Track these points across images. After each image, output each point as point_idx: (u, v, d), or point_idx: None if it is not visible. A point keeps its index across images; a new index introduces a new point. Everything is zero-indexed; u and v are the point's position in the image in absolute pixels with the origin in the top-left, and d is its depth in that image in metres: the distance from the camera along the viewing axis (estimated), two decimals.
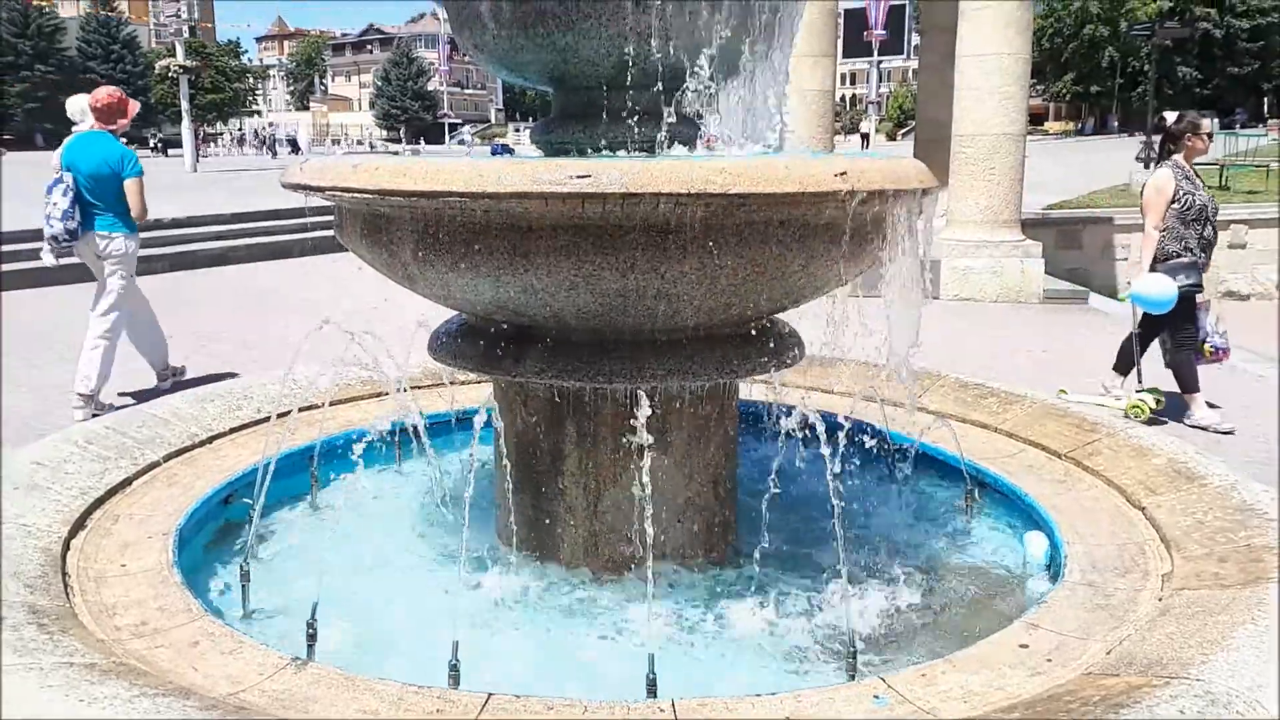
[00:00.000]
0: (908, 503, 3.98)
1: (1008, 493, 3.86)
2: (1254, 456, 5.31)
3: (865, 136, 55.51)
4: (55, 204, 6.21)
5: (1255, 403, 6.53)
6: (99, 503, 3.49)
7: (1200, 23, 64.74)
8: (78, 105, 6.82)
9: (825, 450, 2.85)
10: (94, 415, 5.70)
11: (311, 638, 2.71)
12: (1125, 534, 3.38)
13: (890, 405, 4.27)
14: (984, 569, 3.55)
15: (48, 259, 6.49)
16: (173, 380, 6.97)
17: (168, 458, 3.97)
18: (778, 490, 3.22)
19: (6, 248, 12.00)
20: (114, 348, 6.43)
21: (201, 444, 4.15)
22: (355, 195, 2.82)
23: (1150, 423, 5.87)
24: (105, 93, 6.74)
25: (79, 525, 3.31)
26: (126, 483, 3.71)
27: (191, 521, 3.47)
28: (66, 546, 3.15)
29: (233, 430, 4.30)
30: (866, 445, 4.13)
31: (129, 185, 6.41)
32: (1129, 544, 3.29)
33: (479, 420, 2.95)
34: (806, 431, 3.11)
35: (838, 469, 2.90)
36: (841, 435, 3.01)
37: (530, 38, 3.14)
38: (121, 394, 6.65)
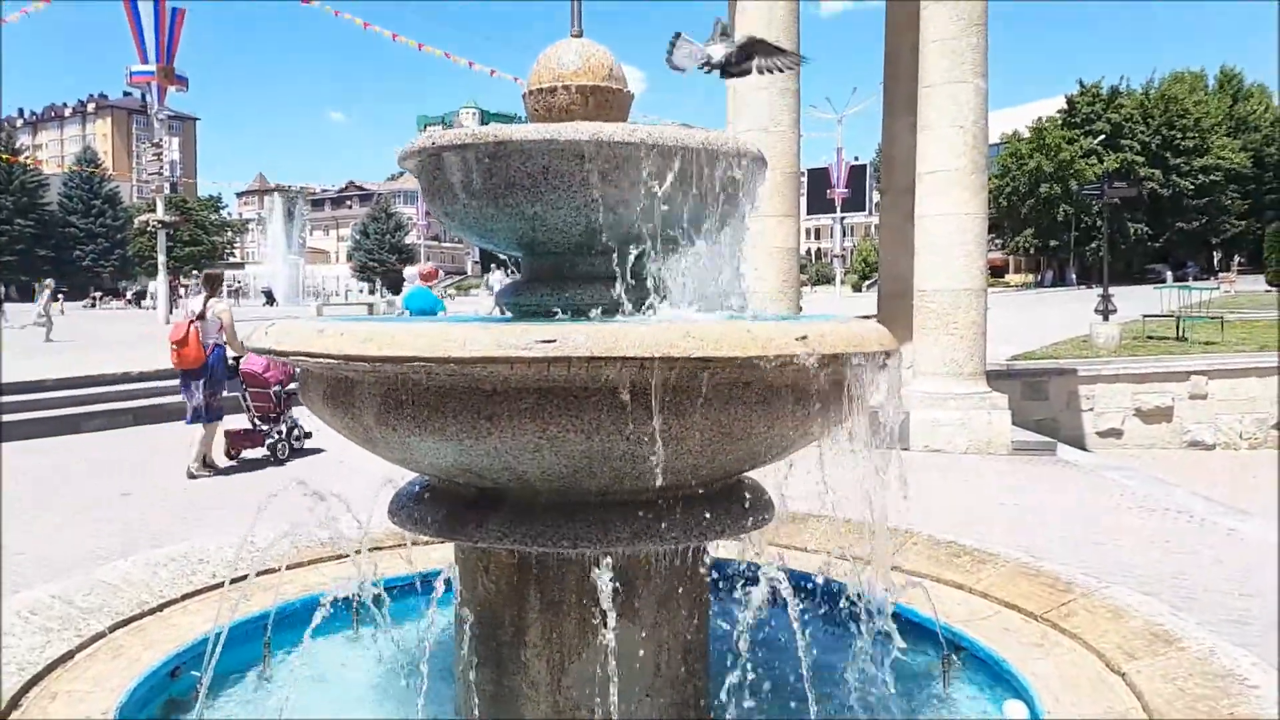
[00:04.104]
0: (884, 668, 3.86)
1: (985, 658, 3.76)
2: (1229, 614, 5.24)
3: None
4: None
5: (1226, 557, 6.50)
6: (38, 679, 3.32)
7: (1146, 182, 68.02)
8: (411, 272, 12.79)
9: (795, 617, 2.78)
10: None
11: None
12: (1107, 702, 3.28)
13: (863, 564, 4.20)
14: None
15: None
16: None
17: (114, 627, 3.80)
18: (749, 657, 3.12)
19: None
20: None
21: (151, 612, 4.00)
22: (320, 360, 2.81)
23: None
24: (429, 266, 11.93)
25: (13, 705, 3.14)
26: (69, 656, 3.54)
27: (134, 699, 3.30)
28: None
29: (185, 597, 4.15)
30: (840, 607, 4.05)
31: (440, 315, 8.68)
32: (1111, 713, 3.19)
33: (438, 588, 2.86)
34: (777, 595, 3.04)
35: (811, 633, 2.82)
36: (813, 598, 2.94)
37: (500, 208, 3.21)
38: None
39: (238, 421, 10.61)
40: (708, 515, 3.16)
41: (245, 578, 3.79)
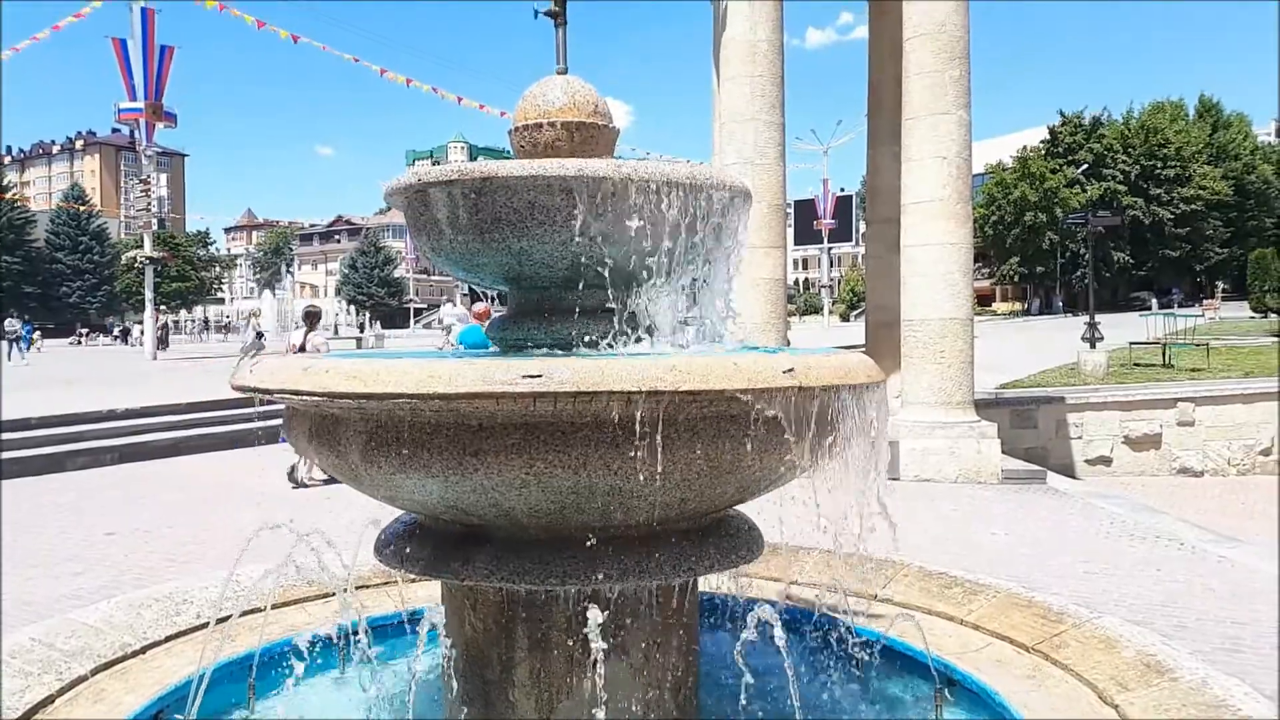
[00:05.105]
0: (877, 703, 3.83)
1: (978, 691, 3.73)
2: (1221, 643, 5.22)
3: None
4: None
5: (1217, 585, 6.49)
6: None
7: (1129, 211, 68.75)
8: (460, 311, 13.45)
9: (785, 655, 2.75)
10: None
11: None
12: None
13: (855, 597, 4.18)
14: None
15: None
16: None
17: (96, 670, 3.74)
18: (740, 692, 3.09)
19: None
20: None
21: (134, 654, 3.94)
22: (305, 398, 2.79)
23: None
24: (482, 307, 11.45)
25: None
26: (49, 700, 3.48)
27: None
28: None
29: (169, 638, 4.09)
30: (832, 641, 4.02)
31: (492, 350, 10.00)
32: None
33: (424, 627, 2.82)
34: (768, 628, 3.02)
35: (803, 668, 2.79)
36: (802, 632, 2.92)
37: (486, 243, 3.21)
38: None
39: None
40: (697, 550, 3.14)
41: (230, 618, 3.74)
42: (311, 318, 11.72)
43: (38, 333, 52.92)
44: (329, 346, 11.20)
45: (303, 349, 10.62)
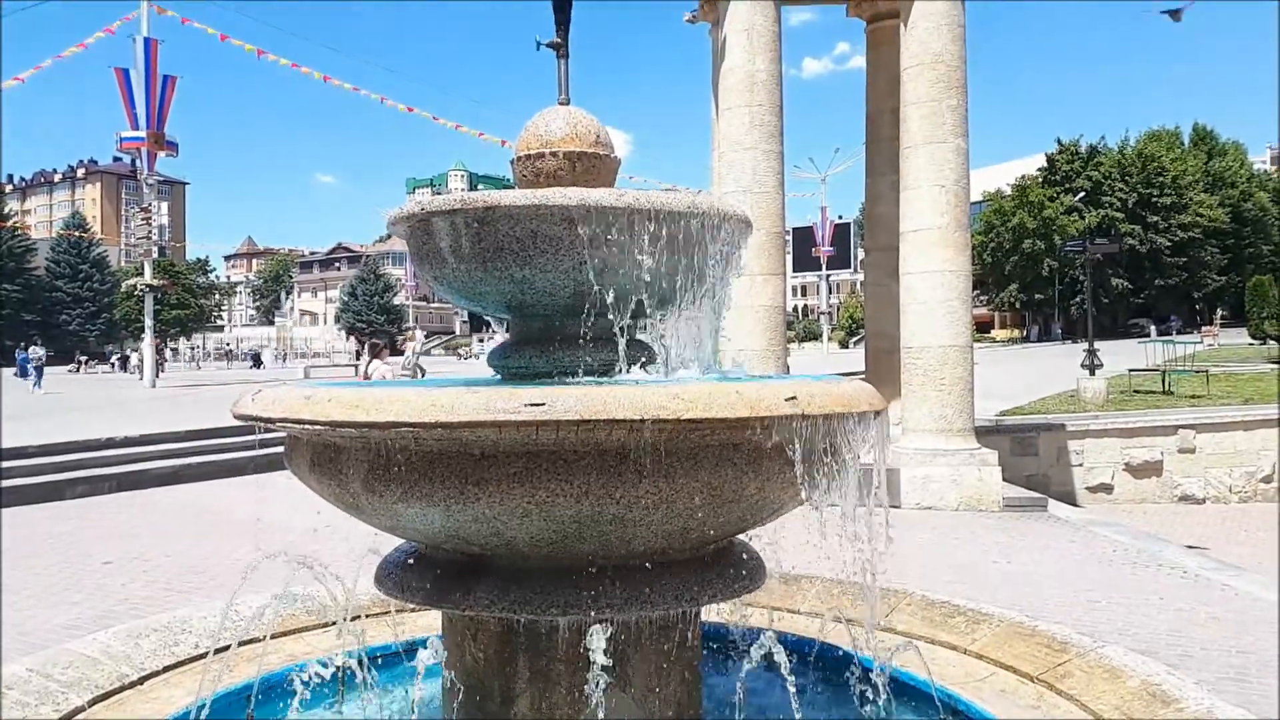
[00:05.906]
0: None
1: None
2: (1226, 672, 5.19)
3: None
4: None
5: (1221, 614, 6.45)
6: None
7: (1127, 238, 69.08)
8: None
9: (787, 684, 2.73)
10: None
11: None
12: None
13: (857, 626, 4.15)
14: None
15: None
16: None
17: (93, 702, 3.71)
18: None
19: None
20: None
21: (132, 685, 3.90)
22: (307, 427, 2.78)
23: None
24: None
25: None
26: None
27: None
28: None
29: (167, 669, 4.05)
30: (835, 671, 3.99)
31: None
32: None
33: (424, 658, 2.80)
34: (770, 658, 3.00)
35: (806, 697, 2.77)
36: (805, 662, 2.89)
37: (489, 271, 3.23)
38: None
39: None
40: (700, 579, 3.13)
41: (228, 648, 3.72)
42: (373, 348, 11.97)
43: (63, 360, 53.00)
44: (394, 373, 11.21)
45: (367, 377, 10.73)
